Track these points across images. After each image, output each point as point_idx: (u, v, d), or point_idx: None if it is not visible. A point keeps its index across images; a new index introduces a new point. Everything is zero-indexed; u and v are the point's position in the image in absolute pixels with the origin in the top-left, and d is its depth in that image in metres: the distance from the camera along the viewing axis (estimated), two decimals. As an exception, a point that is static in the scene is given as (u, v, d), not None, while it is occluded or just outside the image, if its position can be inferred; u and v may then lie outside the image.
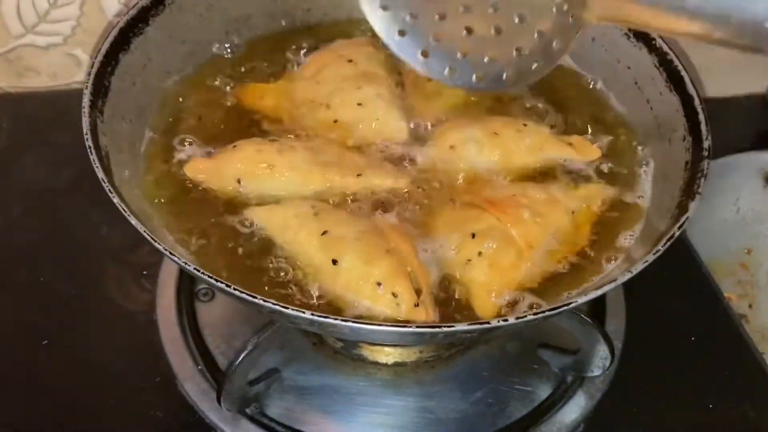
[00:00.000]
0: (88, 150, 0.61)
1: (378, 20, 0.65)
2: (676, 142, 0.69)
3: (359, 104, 0.75)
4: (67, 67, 1.06)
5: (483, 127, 0.74)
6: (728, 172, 1.01)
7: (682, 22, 0.54)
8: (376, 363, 0.79)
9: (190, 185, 0.70)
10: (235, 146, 0.71)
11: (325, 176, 0.69)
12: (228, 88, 0.79)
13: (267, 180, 0.69)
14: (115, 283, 0.87)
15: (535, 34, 0.63)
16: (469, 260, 0.65)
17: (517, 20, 0.63)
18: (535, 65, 0.64)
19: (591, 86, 0.82)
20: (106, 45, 0.69)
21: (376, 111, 0.75)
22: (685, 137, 0.68)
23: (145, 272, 0.86)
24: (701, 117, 0.68)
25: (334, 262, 0.62)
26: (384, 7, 0.65)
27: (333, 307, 0.62)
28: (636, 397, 0.78)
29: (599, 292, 0.56)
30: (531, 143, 0.74)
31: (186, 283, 0.84)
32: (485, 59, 0.64)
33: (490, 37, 0.64)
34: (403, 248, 0.65)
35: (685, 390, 0.80)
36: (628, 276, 0.56)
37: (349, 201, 0.70)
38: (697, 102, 0.69)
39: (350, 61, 0.78)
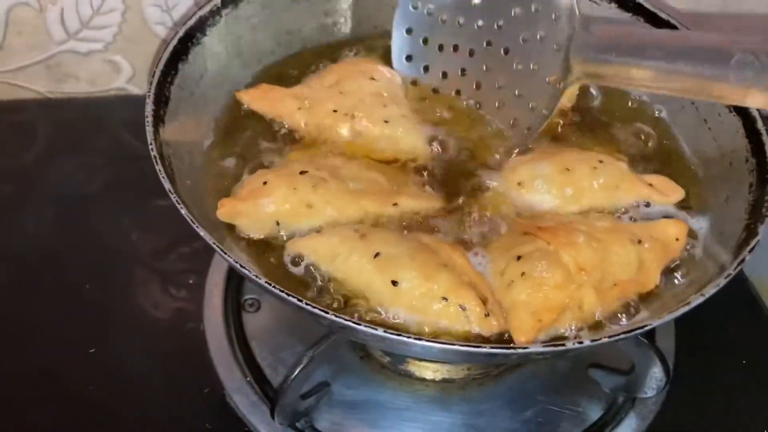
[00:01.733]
0: (154, 160, 0.61)
1: (397, 41, 0.77)
2: (738, 164, 0.69)
3: (386, 121, 0.74)
4: (107, 74, 1.07)
5: (555, 161, 0.70)
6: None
7: (659, 79, 0.60)
8: (423, 379, 0.78)
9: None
10: (266, 183, 0.67)
11: (360, 205, 0.67)
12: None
13: (305, 219, 0.66)
14: (155, 291, 0.86)
15: (527, 103, 0.70)
16: (512, 282, 0.63)
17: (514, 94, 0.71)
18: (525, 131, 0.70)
19: (656, 114, 0.80)
20: (167, 53, 0.69)
21: (402, 130, 0.74)
22: (748, 159, 0.68)
23: (190, 281, 0.86)
24: (765, 138, 0.67)
25: (394, 283, 0.61)
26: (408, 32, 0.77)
27: (398, 327, 0.61)
28: (688, 419, 0.77)
29: (673, 315, 0.55)
30: (606, 182, 0.69)
31: (232, 292, 0.83)
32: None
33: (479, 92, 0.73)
34: (457, 261, 0.64)
35: (737, 412, 0.79)
36: (701, 299, 0.56)
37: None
38: (759, 123, 0.68)
39: (372, 78, 0.77)
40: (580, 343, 0.53)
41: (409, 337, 0.52)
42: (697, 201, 0.72)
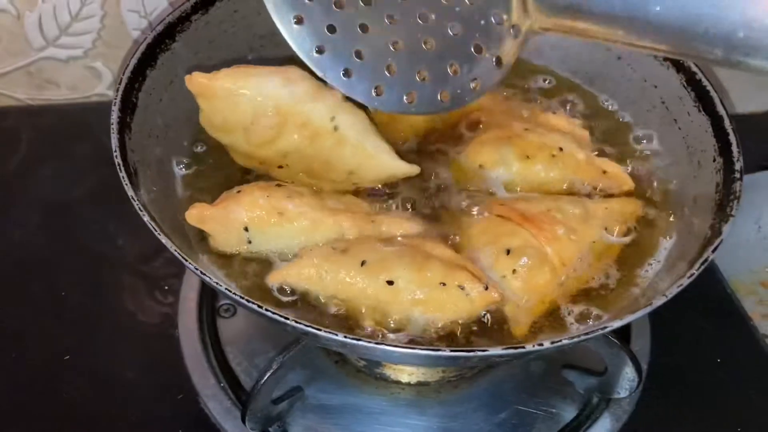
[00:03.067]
0: (117, 167, 0.61)
1: (293, 36, 0.59)
2: (706, 163, 0.69)
3: (335, 128, 0.66)
4: (87, 80, 1.07)
5: (517, 147, 0.71)
6: (749, 190, 0.99)
7: (647, 36, 0.47)
8: (399, 382, 0.78)
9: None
10: (239, 191, 0.65)
11: (336, 223, 0.65)
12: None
13: (276, 228, 0.64)
14: (135, 296, 0.86)
15: (471, 48, 0.56)
16: (504, 276, 0.64)
17: (450, 33, 0.56)
18: (473, 84, 0.57)
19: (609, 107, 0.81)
20: (134, 60, 0.69)
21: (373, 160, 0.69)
22: (716, 158, 0.68)
23: (166, 286, 0.86)
24: (732, 138, 0.67)
25: (390, 282, 0.61)
26: (298, 21, 0.58)
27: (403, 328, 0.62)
28: (662, 419, 0.77)
29: (634, 317, 0.55)
30: (563, 170, 0.71)
31: (207, 298, 0.83)
32: (416, 78, 0.57)
33: (420, 52, 0.57)
34: (441, 251, 0.64)
35: (712, 412, 0.79)
36: (663, 300, 0.56)
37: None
38: (727, 123, 0.68)
39: (291, 80, 0.66)
40: (540, 345, 0.52)
41: (369, 342, 0.52)
42: (667, 201, 0.72)
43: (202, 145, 0.75)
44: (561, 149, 0.71)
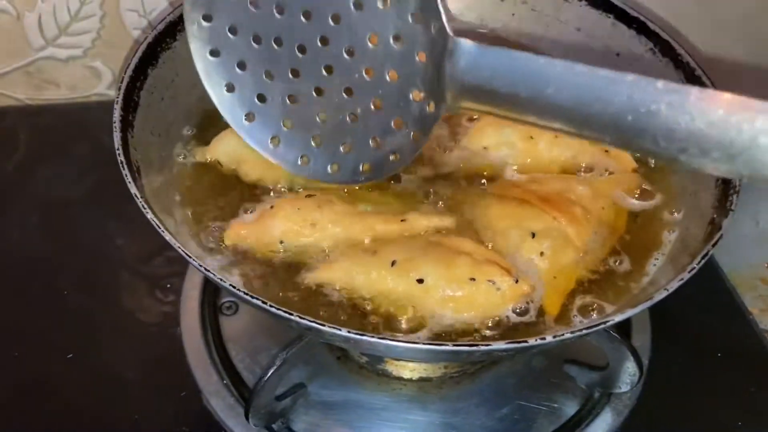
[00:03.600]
0: (120, 165, 0.61)
1: (223, 103, 0.61)
2: (706, 158, 0.69)
3: None
4: (87, 80, 1.07)
5: (520, 127, 0.72)
6: (747, 187, 1.00)
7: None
8: (401, 378, 0.78)
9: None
10: (272, 207, 0.67)
11: (367, 226, 0.67)
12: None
13: (309, 239, 0.66)
14: (137, 295, 0.86)
15: (392, 123, 0.58)
16: (532, 259, 0.65)
17: (372, 108, 0.58)
18: (392, 157, 0.59)
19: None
20: (136, 59, 0.69)
21: None
22: (716, 153, 0.68)
23: (168, 285, 0.86)
24: (731, 133, 0.67)
25: (420, 281, 0.61)
26: (229, 88, 0.61)
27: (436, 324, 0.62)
28: (663, 413, 0.78)
29: (636, 310, 0.55)
30: (566, 150, 0.73)
31: (209, 296, 0.83)
32: (341, 149, 0.60)
33: (345, 124, 0.59)
34: (467, 245, 0.65)
35: (713, 406, 0.79)
36: (664, 294, 0.56)
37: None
38: (726, 118, 0.68)
39: None
40: (543, 339, 0.53)
41: (372, 337, 0.53)
42: (669, 195, 0.72)
43: (204, 142, 0.75)
44: None
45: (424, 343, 0.53)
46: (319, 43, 0.58)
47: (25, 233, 0.92)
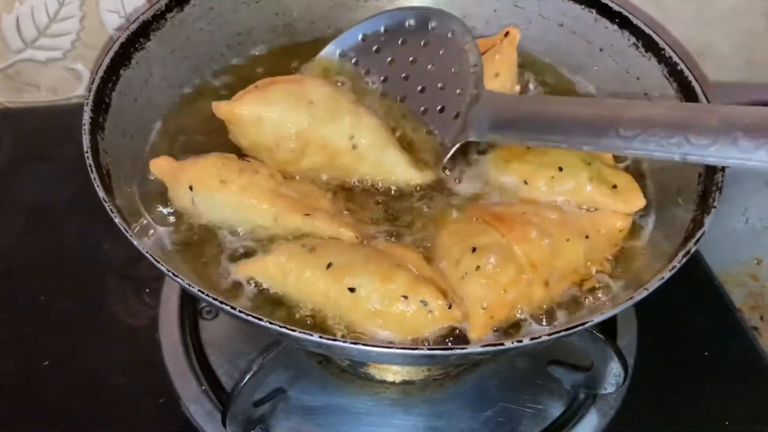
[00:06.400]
0: (89, 168, 0.60)
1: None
2: (688, 154, 0.68)
3: (354, 147, 0.70)
4: (68, 82, 1.06)
5: (515, 172, 0.70)
6: (735, 183, 0.99)
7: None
8: (384, 381, 0.77)
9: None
10: (205, 156, 0.68)
11: (272, 206, 0.65)
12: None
13: (215, 194, 0.65)
14: (117, 300, 0.86)
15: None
16: (466, 274, 0.62)
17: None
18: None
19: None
20: (107, 60, 0.68)
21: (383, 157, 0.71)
22: (698, 149, 0.67)
23: (147, 289, 0.85)
24: (714, 128, 0.66)
25: (352, 290, 0.60)
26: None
27: (364, 335, 0.60)
28: (649, 413, 0.77)
29: (615, 311, 0.54)
30: (565, 191, 0.69)
31: (189, 300, 0.82)
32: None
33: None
34: (411, 259, 0.63)
35: (700, 406, 0.78)
36: (644, 294, 0.55)
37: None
38: (709, 114, 0.67)
39: (311, 102, 0.69)
40: (519, 342, 0.52)
41: (345, 342, 0.52)
42: (650, 193, 0.71)
43: (180, 142, 0.74)
44: (561, 168, 0.69)
45: (398, 348, 0.52)
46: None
47: (7, 237, 0.91)
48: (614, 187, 0.69)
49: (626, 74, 0.78)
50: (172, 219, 0.67)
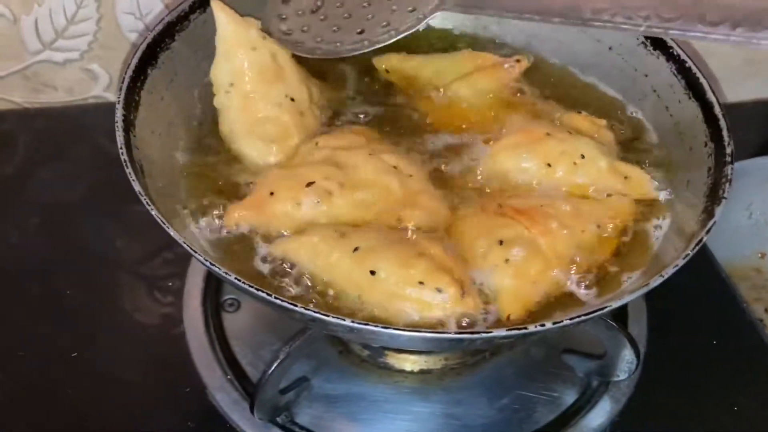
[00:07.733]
0: (124, 164, 0.62)
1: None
2: (698, 148, 0.70)
3: None
4: (84, 83, 1.07)
5: (539, 153, 0.72)
6: (740, 177, 1.01)
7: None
8: (402, 371, 0.80)
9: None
10: (272, 194, 0.68)
11: (359, 216, 0.68)
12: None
13: (294, 228, 0.67)
14: (139, 296, 0.87)
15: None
16: (496, 266, 0.65)
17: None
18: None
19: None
20: (136, 59, 0.70)
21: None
22: (707, 143, 0.69)
23: (169, 283, 0.87)
24: (722, 123, 0.69)
25: (372, 273, 0.62)
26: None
27: (379, 319, 0.62)
28: (661, 400, 0.79)
29: (633, 296, 0.57)
30: (584, 178, 0.72)
31: (211, 293, 0.84)
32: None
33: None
34: (434, 250, 0.65)
35: (709, 393, 0.81)
36: (660, 280, 0.57)
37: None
38: (717, 109, 0.70)
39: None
40: (542, 326, 0.54)
41: (376, 326, 0.54)
42: (660, 186, 0.73)
43: (205, 140, 0.76)
44: (583, 156, 0.71)
45: (426, 332, 0.54)
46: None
47: (24, 236, 0.92)
48: (626, 178, 0.72)
49: (635, 72, 0.80)
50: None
